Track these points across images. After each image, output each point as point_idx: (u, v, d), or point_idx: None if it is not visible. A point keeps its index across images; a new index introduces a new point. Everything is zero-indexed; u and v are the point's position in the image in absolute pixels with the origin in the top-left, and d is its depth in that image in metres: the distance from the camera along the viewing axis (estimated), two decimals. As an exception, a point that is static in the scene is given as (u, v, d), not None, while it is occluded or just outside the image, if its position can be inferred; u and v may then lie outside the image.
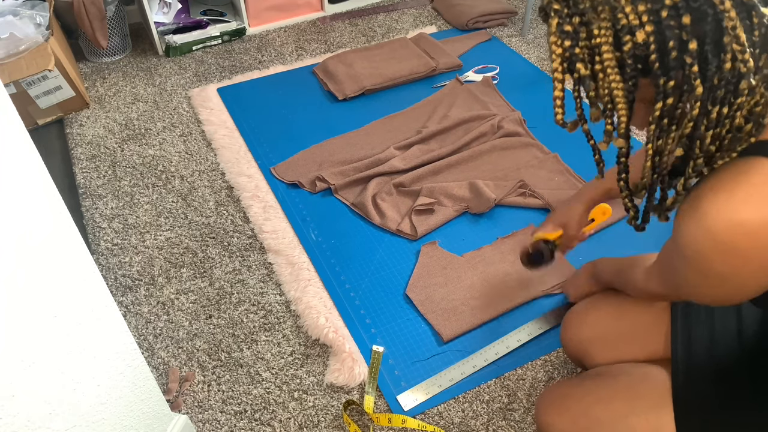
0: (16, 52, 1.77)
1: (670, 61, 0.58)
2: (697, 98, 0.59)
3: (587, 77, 0.63)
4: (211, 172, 1.72)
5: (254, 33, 2.34)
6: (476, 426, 1.13)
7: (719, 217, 0.61)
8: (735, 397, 0.81)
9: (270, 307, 1.36)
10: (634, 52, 0.59)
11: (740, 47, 0.56)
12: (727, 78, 0.58)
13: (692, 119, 0.61)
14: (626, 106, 0.63)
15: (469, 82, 2.01)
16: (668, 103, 0.61)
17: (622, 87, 0.62)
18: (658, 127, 0.63)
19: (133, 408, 0.89)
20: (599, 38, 0.60)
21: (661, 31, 0.57)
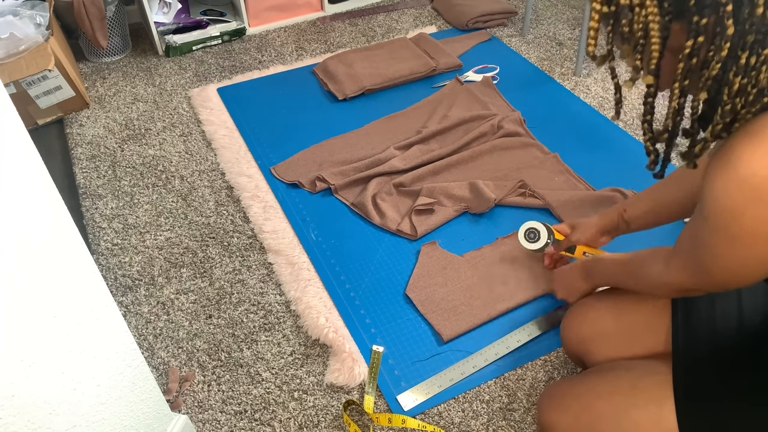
0: (16, 52, 1.77)
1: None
2: (728, 39, 0.60)
3: (625, 8, 0.64)
4: (211, 172, 1.72)
5: (254, 33, 2.34)
6: (476, 426, 1.13)
7: (752, 166, 0.61)
8: (736, 388, 0.81)
9: (270, 307, 1.36)
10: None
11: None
12: (757, 23, 0.59)
13: (720, 60, 0.62)
14: (659, 41, 0.64)
15: (469, 82, 2.01)
16: (699, 42, 0.62)
17: (658, 21, 0.63)
18: (687, 66, 0.64)
19: (133, 408, 0.89)
20: None
21: None
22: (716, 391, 0.82)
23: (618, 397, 0.89)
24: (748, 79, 0.62)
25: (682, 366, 0.87)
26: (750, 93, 0.64)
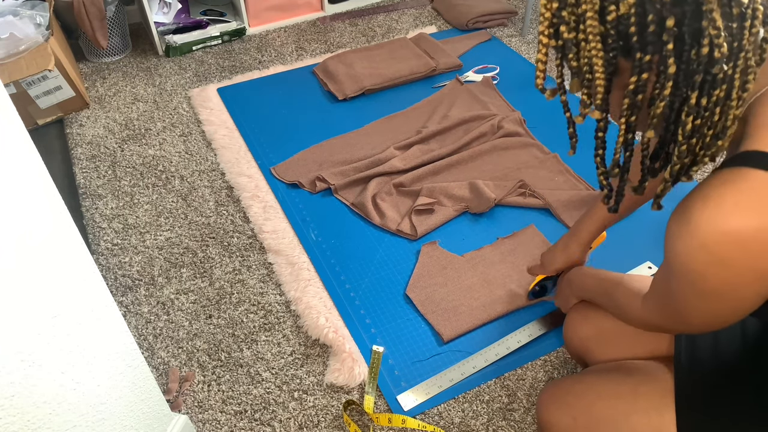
0: (16, 52, 1.77)
1: (647, 35, 0.59)
2: (670, 77, 0.60)
3: (570, 42, 0.64)
4: (211, 172, 1.72)
5: (254, 33, 2.34)
6: (476, 426, 1.13)
7: (709, 227, 0.61)
8: (738, 398, 0.81)
9: (270, 307, 1.36)
10: (617, 23, 0.60)
11: (716, 32, 0.57)
12: (703, 62, 0.59)
13: (664, 98, 0.62)
14: (604, 77, 0.63)
15: (469, 82, 2.01)
16: (642, 78, 0.62)
17: (602, 56, 0.62)
18: (632, 102, 0.64)
19: (133, 408, 0.89)
20: (585, 5, 0.61)
21: (642, 4, 0.58)
22: (717, 401, 0.82)
23: (618, 401, 0.89)
24: (702, 120, 0.62)
25: (684, 375, 0.86)
26: (706, 135, 0.63)
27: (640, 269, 1.37)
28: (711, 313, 0.68)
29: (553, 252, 1.17)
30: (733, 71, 0.60)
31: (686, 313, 0.71)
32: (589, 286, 1.05)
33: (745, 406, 0.80)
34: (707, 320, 0.70)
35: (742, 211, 0.59)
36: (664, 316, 0.77)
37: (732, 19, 0.58)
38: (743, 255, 0.60)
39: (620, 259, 1.39)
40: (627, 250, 1.42)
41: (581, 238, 1.12)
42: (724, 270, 0.62)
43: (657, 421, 0.84)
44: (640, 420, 0.85)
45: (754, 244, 0.59)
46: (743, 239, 0.59)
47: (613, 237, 1.45)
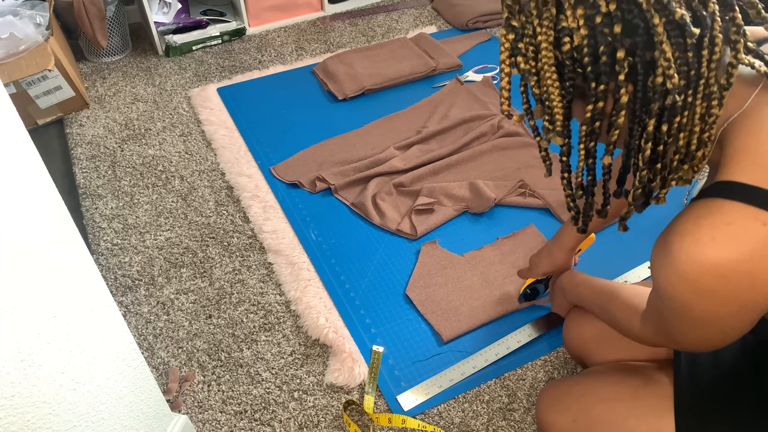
0: (16, 52, 1.77)
1: (600, 66, 0.60)
2: (623, 107, 0.62)
3: (527, 72, 0.66)
4: (211, 172, 1.72)
5: (254, 33, 2.34)
6: (476, 426, 1.13)
7: (689, 261, 0.62)
8: (736, 405, 0.81)
9: (270, 307, 1.36)
10: (572, 54, 0.61)
11: (667, 63, 0.58)
12: (659, 91, 0.60)
13: (618, 127, 0.63)
14: (561, 104, 0.65)
15: (469, 82, 2.01)
16: (598, 107, 0.63)
17: (558, 86, 0.64)
18: (590, 129, 0.65)
19: (133, 408, 0.89)
20: (540, 36, 0.62)
21: (594, 36, 0.60)
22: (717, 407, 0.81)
23: (618, 404, 0.89)
24: (664, 146, 0.63)
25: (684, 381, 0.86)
26: (673, 160, 0.65)
27: (640, 269, 1.37)
28: (701, 338, 0.69)
29: (540, 256, 1.18)
30: (694, 98, 0.61)
31: (679, 337, 0.72)
32: (583, 296, 1.05)
33: (744, 414, 0.80)
34: (699, 344, 0.72)
35: (719, 244, 0.60)
36: (660, 336, 0.78)
37: (686, 49, 0.58)
38: (724, 287, 0.61)
39: (620, 259, 1.39)
40: (627, 250, 1.42)
41: (565, 243, 1.12)
42: (707, 301, 0.63)
43: (656, 426, 0.84)
44: (639, 424, 0.85)
45: (734, 276, 0.60)
46: (723, 272, 0.60)
47: (613, 237, 1.45)
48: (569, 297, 1.11)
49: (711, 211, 0.62)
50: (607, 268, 1.37)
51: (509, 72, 0.68)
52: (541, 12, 0.62)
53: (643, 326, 0.84)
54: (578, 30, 0.60)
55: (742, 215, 0.60)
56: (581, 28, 0.60)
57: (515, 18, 0.65)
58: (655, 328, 0.79)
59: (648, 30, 0.58)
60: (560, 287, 1.15)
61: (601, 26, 0.59)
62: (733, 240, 0.60)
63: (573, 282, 1.09)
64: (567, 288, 1.11)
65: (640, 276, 1.36)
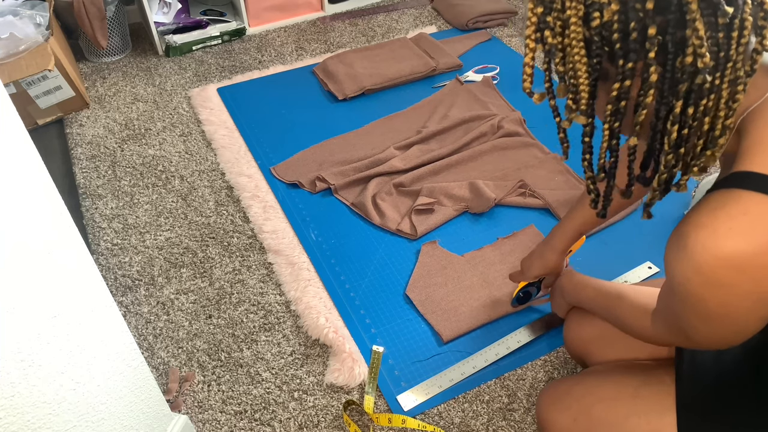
0: (16, 52, 1.77)
1: (630, 43, 0.59)
2: (652, 85, 0.60)
3: (555, 48, 0.64)
4: (211, 172, 1.72)
5: (254, 33, 2.34)
6: (476, 426, 1.13)
7: (705, 253, 0.60)
8: (739, 404, 0.81)
9: (270, 307, 1.36)
10: (601, 30, 0.60)
11: (699, 41, 0.57)
12: (688, 72, 0.58)
13: (646, 106, 0.62)
14: (588, 82, 0.63)
15: (469, 82, 2.01)
16: (625, 85, 0.61)
17: (585, 62, 0.62)
18: (615, 108, 0.63)
19: (133, 408, 0.89)
20: (570, 10, 0.61)
21: (625, 11, 0.58)
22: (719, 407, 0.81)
23: (618, 403, 0.89)
24: (689, 129, 0.62)
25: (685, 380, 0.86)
26: (696, 145, 0.63)
27: (640, 269, 1.37)
28: (715, 334, 0.68)
29: (531, 259, 1.17)
30: (721, 81, 0.59)
31: (691, 334, 0.71)
32: (586, 298, 1.04)
33: (746, 412, 0.79)
34: (712, 341, 0.70)
35: (736, 236, 0.59)
36: (673, 334, 0.77)
37: (718, 29, 0.57)
38: (741, 280, 0.60)
39: (620, 259, 1.39)
40: (627, 250, 1.42)
41: (556, 246, 1.11)
42: (723, 295, 0.62)
43: (657, 424, 0.84)
44: (640, 422, 0.85)
45: (751, 268, 0.59)
46: (739, 264, 0.59)
47: (613, 237, 1.45)
48: (569, 298, 1.10)
49: (727, 202, 0.61)
50: (607, 268, 1.37)
51: (534, 48, 0.66)
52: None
53: (654, 325, 0.83)
54: (609, 5, 0.58)
55: (759, 205, 0.59)
56: (612, 2, 0.58)
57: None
58: (667, 326, 0.78)
59: (681, 7, 0.57)
60: (560, 288, 1.14)
61: (633, 2, 0.58)
62: (750, 231, 0.58)
63: (573, 283, 1.09)
64: (567, 289, 1.10)
65: (640, 276, 1.36)
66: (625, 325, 0.91)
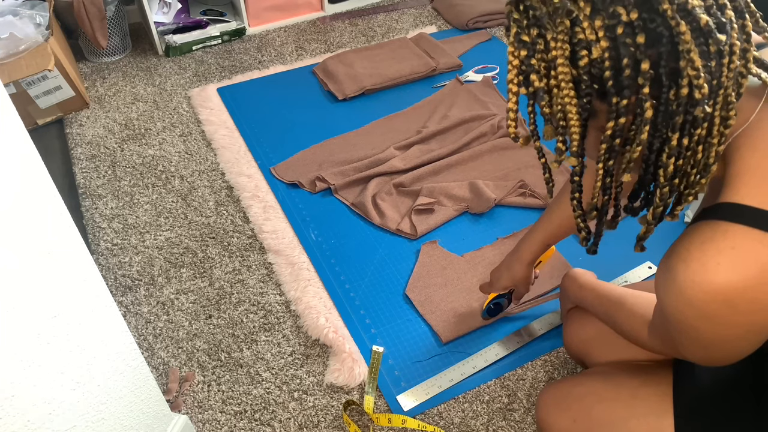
0: (16, 52, 1.77)
1: (623, 79, 0.57)
2: (647, 122, 0.59)
3: (541, 90, 0.62)
4: (211, 172, 1.72)
5: (254, 33, 2.34)
6: (476, 426, 1.13)
7: (695, 288, 0.60)
8: (738, 404, 0.81)
9: (270, 307, 1.36)
10: (590, 68, 0.58)
11: (695, 72, 0.56)
12: (683, 104, 0.57)
13: (641, 143, 0.60)
14: (579, 123, 0.61)
15: (469, 82, 2.01)
16: (620, 123, 0.60)
17: (575, 103, 0.60)
18: (610, 147, 0.62)
19: (133, 408, 0.89)
20: (555, 51, 0.59)
21: (616, 47, 0.56)
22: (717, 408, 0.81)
23: (617, 404, 0.89)
24: (684, 160, 0.61)
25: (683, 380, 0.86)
26: (690, 174, 0.62)
27: (640, 269, 1.37)
28: (709, 357, 0.69)
29: (499, 270, 1.17)
30: (713, 108, 0.58)
31: (686, 354, 0.71)
32: (587, 300, 1.04)
33: (743, 413, 0.79)
34: (707, 362, 0.71)
35: (725, 271, 0.59)
36: (668, 348, 0.78)
37: (710, 57, 0.56)
38: (731, 312, 0.60)
39: (620, 259, 1.39)
40: (627, 250, 1.41)
41: (523, 257, 1.11)
42: (715, 326, 0.62)
43: (656, 426, 0.84)
44: (639, 424, 0.85)
45: (741, 301, 0.59)
46: (729, 298, 0.59)
47: (613, 237, 1.44)
48: (572, 298, 1.11)
49: (715, 235, 0.60)
50: (607, 268, 1.37)
51: (517, 92, 0.65)
52: (554, 25, 0.58)
53: (650, 338, 0.84)
54: (597, 42, 0.57)
55: (747, 239, 0.58)
56: (601, 40, 0.56)
57: (525, 32, 0.61)
58: (662, 341, 0.79)
59: (673, 38, 0.55)
60: (563, 288, 1.15)
61: (623, 37, 0.56)
62: (739, 265, 0.58)
63: (576, 284, 1.09)
64: (571, 289, 1.10)
65: (640, 276, 1.36)
66: (623, 331, 0.92)
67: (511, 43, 0.63)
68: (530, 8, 0.60)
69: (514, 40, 0.62)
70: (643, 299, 0.90)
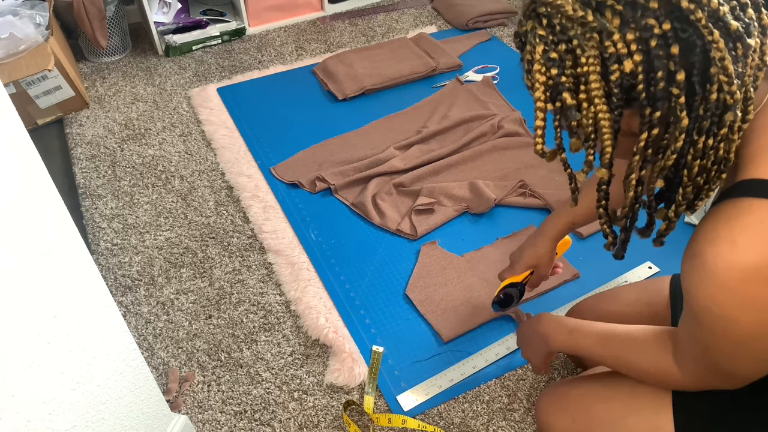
0: (16, 52, 1.77)
1: (657, 91, 0.57)
2: (683, 130, 0.58)
3: (572, 107, 0.61)
4: (210, 172, 1.72)
5: (254, 33, 2.34)
6: (476, 426, 1.13)
7: (727, 268, 0.58)
8: (736, 399, 0.81)
9: (270, 307, 1.36)
10: (622, 81, 0.57)
11: (727, 79, 0.55)
12: (712, 109, 0.57)
13: (675, 151, 0.60)
14: (612, 136, 0.61)
15: (469, 82, 2.01)
16: (653, 134, 0.59)
17: (608, 117, 0.60)
18: (643, 158, 0.61)
19: (133, 408, 0.89)
20: (586, 66, 0.58)
21: (649, 60, 0.56)
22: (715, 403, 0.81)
23: (616, 402, 0.89)
24: (707, 159, 0.61)
25: None
26: (711, 170, 0.62)
27: (640, 269, 1.37)
28: (753, 358, 0.65)
29: (521, 249, 1.11)
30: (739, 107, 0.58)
31: (727, 365, 0.67)
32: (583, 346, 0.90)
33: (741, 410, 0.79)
34: (750, 367, 0.67)
35: (756, 246, 0.57)
36: (704, 370, 0.71)
37: (737, 60, 0.56)
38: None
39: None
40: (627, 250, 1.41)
41: (547, 233, 1.07)
42: (754, 310, 0.59)
43: (654, 422, 0.84)
44: (638, 420, 0.85)
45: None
46: (766, 275, 0.57)
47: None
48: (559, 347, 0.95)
49: (740, 212, 0.59)
50: (607, 268, 1.37)
51: (544, 108, 0.63)
52: (585, 39, 0.57)
53: (680, 366, 0.75)
54: (629, 56, 0.56)
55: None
56: (634, 54, 0.56)
57: (553, 49, 0.60)
58: (696, 364, 0.72)
59: (704, 47, 0.55)
60: (540, 335, 0.97)
61: (657, 49, 0.55)
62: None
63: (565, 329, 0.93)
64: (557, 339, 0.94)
65: (641, 276, 1.36)
66: (641, 371, 0.81)
67: (537, 61, 0.61)
68: (557, 24, 0.59)
69: (541, 58, 0.61)
70: (655, 329, 0.81)
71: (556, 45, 0.60)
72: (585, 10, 0.57)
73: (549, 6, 0.60)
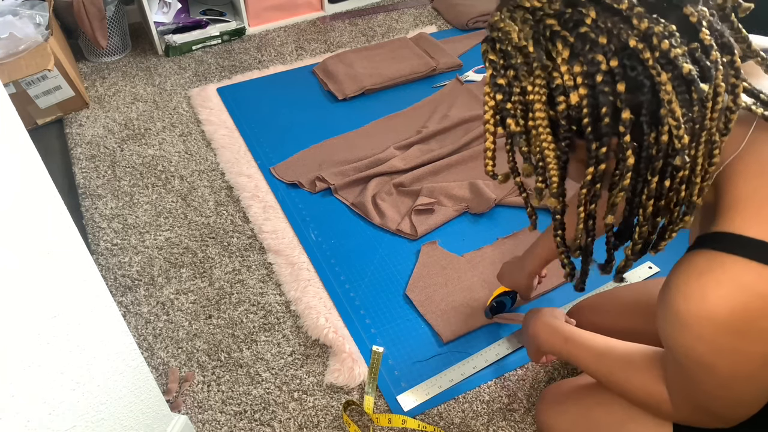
0: (16, 52, 1.77)
1: (602, 127, 0.56)
2: (629, 169, 0.58)
3: (518, 133, 0.61)
4: (210, 172, 1.72)
5: (254, 33, 2.34)
6: (476, 426, 1.13)
7: (701, 321, 0.59)
8: None
9: (270, 308, 1.35)
10: (568, 113, 0.57)
11: (675, 122, 0.54)
12: (664, 150, 0.56)
13: (624, 189, 0.59)
14: (557, 165, 0.60)
15: (469, 82, 2.01)
16: (600, 169, 0.59)
17: (553, 147, 0.59)
18: (590, 192, 0.61)
19: (133, 408, 0.89)
20: (532, 95, 0.58)
21: (594, 95, 0.55)
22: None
23: (616, 407, 0.88)
24: (666, 200, 0.60)
25: None
26: (673, 211, 0.61)
27: (640, 269, 1.37)
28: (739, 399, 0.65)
29: (506, 271, 1.19)
30: (696, 151, 0.57)
31: (715, 406, 0.68)
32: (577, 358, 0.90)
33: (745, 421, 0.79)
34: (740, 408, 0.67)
35: (727, 302, 0.57)
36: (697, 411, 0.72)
37: (692, 104, 0.55)
38: (742, 342, 0.59)
39: (620, 259, 1.39)
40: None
41: (526, 267, 1.12)
42: (730, 357, 0.60)
43: (654, 430, 0.84)
44: (638, 428, 0.85)
45: (751, 330, 0.58)
46: (737, 328, 0.58)
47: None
48: (552, 353, 0.97)
49: (712, 267, 0.59)
50: (607, 268, 1.37)
51: (494, 131, 0.63)
52: (531, 69, 0.57)
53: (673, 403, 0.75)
54: (575, 89, 0.55)
55: (745, 272, 0.57)
56: (579, 87, 0.55)
57: (501, 75, 0.60)
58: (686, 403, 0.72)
59: (653, 87, 0.54)
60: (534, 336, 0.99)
61: (602, 85, 0.54)
62: (742, 297, 0.57)
63: (561, 337, 0.94)
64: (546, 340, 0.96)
65: (641, 276, 1.36)
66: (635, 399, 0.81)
67: (486, 84, 0.62)
68: (504, 51, 0.59)
69: (489, 83, 0.61)
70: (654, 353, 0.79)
71: (505, 70, 0.59)
72: (528, 41, 0.57)
73: (500, 31, 0.59)
